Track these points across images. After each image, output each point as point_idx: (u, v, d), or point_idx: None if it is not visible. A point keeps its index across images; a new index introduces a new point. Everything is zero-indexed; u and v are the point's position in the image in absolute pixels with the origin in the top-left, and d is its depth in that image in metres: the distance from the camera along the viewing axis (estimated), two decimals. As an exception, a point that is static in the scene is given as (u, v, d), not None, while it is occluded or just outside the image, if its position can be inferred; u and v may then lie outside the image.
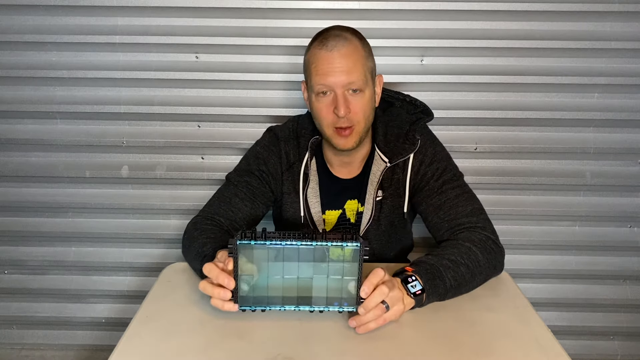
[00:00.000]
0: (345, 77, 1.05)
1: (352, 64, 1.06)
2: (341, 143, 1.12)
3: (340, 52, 1.05)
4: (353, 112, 1.08)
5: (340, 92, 1.06)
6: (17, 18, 1.52)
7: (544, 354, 0.84)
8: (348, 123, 1.08)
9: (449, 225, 1.11)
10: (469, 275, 0.99)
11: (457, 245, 1.04)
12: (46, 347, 1.84)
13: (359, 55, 1.07)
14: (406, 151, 1.17)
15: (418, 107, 1.24)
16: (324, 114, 1.10)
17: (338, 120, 1.08)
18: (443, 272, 0.96)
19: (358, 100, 1.08)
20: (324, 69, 1.06)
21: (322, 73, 1.06)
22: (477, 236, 1.06)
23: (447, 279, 0.96)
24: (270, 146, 1.24)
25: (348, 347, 0.85)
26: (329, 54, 1.05)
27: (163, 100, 1.59)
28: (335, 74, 1.05)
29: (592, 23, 1.52)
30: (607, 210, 1.67)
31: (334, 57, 1.05)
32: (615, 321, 1.77)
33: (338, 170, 1.24)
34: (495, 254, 1.06)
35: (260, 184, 1.21)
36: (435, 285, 0.95)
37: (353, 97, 1.08)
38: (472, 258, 1.01)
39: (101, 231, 1.71)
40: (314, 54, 1.08)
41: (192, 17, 1.52)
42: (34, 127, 1.62)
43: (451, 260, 0.99)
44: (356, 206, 1.24)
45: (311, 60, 1.09)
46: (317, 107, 1.11)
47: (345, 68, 1.05)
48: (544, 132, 1.61)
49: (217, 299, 0.87)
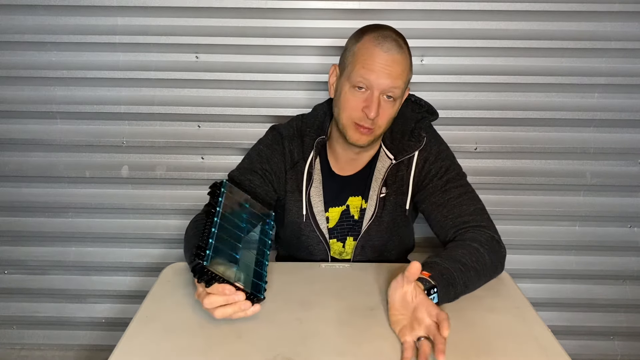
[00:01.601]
0: (390, 82, 1.05)
1: (400, 72, 1.06)
2: (355, 137, 1.11)
3: (394, 57, 1.05)
4: (381, 116, 1.08)
5: (377, 94, 1.06)
6: (17, 18, 1.52)
7: (544, 354, 0.84)
8: (371, 124, 1.09)
9: (453, 224, 1.11)
10: (476, 278, 1.00)
11: (466, 247, 1.04)
12: (46, 347, 1.84)
13: (406, 66, 1.08)
14: (412, 148, 1.17)
15: (423, 106, 1.25)
16: (352, 107, 1.09)
17: (363, 118, 1.08)
18: (456, 278, 0.96)
19: (389, 107, 1.09)
20: (374, 66, 1.05)
21: (369, 69, 1.05)
22: (484, 236, 1.07)
23: (458, 285, 0.96)
24: (273, 145, 1.24)
25: (348, 347, 0.84)
26: (383, 54, 1.05)
27: (163, 100, 1.59)
28: (381, 76, 1.05)
29: (592, 23, 1.52)
30: (607, 210, 1.67)
31: (387, 59, 1.05)
32: (615, 321, 1.77)
33: (342, 169, 1.24)
34: (499, 255, 1.07)
35: (263, 183, 1.21)
36: (447, 292, 0.95)
37: (386, 102, 1.08)
38: (480, 261, 1.02)
39: (101, 231, 1.71)
40: (368, 48, 1.07)
41: (192, 17, 1.52)
42: (34, 127, 1.62)
43: (463, 263, 0.99)
44: (360, 202, 1.24)
45: (361, 52, 1.07)
46: (347, 98, 1.10)
47: (392, 74, 1.05)
48: (544, 132, 1.61)
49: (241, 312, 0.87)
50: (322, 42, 1.52)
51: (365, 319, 0.92)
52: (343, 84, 1.11)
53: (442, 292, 0.93)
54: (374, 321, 0.92)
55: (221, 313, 0.86)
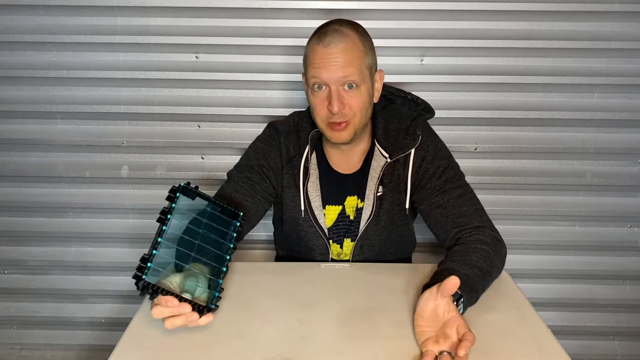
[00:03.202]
0: (340, 73, 1.06)
1: (349, 60, 1.06)
2: (334, 136, 1.12)
3: (337, 47, 1.06)
4: (348, 107, 1.08)
5: (334, 88, 1.07)
6: (17, 18, 1.52)
7: (544, 354, 0.84)
8: (342, 118, 1.09)
9: (454, 224, 1.11)
10: (490, 281, 1.02)
11: (478, 250, 1.03)
12: (46, 347, 1.84)
13: (357, 51, 1.07)
14: (407, 146, 1.17)
15: (419, 105, 1.25)
16: (318, 108, 1.11)
17: (332, 115, 1.09)
18: (476, 284, 0.96)
19: (353, 96, 1.09)
20: (319, 63, 1.07)
21: (317, 67, 1.07)
22: (489, 237, 1.07)
23: (479, 291, 0.96)
24: (270, 140, 1.24)
25: (348, 347, 0.84)
26: (325, 49, 1.06)
27: (163, 100, 1.59)
28: (329, 69, 1.06)
29: (592, 23, 1.52)
30: (607, 210, 1.67)
31: (330, 52, 1.06)
32: (615, 321, 1.77)
33: (338, 164, 1.24)
34: (502, 255, 1.08)
35: (261, 179, 1.21)
36: (470, 299, 0.94)
37: (348, 92, 1.08)
38: (492, 264, 1.02)
39: (101, 231, 1.71)
40: (312, 48, 1.09)
41: (192, 17, 1.52)
42: (34, 127, 1.62)
43: (480, 268, 0.99)
44: (356, 202, 1.23)
45: (308, 54, 1.10)
46: (312, 102, 1.12)
47: (340, 64, 1.05)
48: (544, 132, 1.61)
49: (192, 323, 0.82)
50: (322, 42, 1.52)
51: (365, 319, 0.92)
52: (307, 90, 1.13)
53: (466, 301, 0.92)
54: (373, 321, 0.92)
55: (170, 324, 0.82)
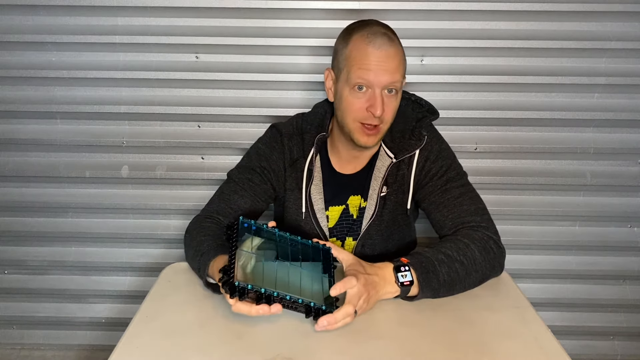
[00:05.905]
0: (389, 77, 1.05)
1: (396, 66, 1.06)
2: (363, 140, 1.11)
3: (387, 52, 1.05)
4: (386, 112, 1.08)
5: (378, 92, 1.06)
6: (17, 18, 1.52)
7: (544, 354, 0.84)
8: (378, 122, 1.09)
9: (452, 224, 1.11)
10: (464, 273, 1.00)
11: (454, 241, 1.05)
12: (46, 347, 1.84)
13: (401, 58, 1.08)
14: (412, 147, 1.17)
15: (423, 106, 1.25)
16: (356, 109, 1.09)
17: (368, 117, 1.08)
18: (437, 267, 0.97)
19: (392, 102, 1.09)
20: (370, 65, 1.04)
21: (366, 68, 1.05)
22: (479, 235, 1.07)
23: (440, 274, 0.97)
24: (272, 142, 1.24)
25: (348, 347, 0.85)
26: (377, 52, 1.04)
27: (163, 100, 1.59)
28: (379, 73, 1.05)
29: (592, 23, 1.52)
30: (607, 210, 1.67)
31: (381, 55, 1.04)
32: (615, 321, 1.77)
33: (342, 166, 1.24)
34: (495, 255, 1.06)
35: (262, 181, 1.21)
36: (429, 279, 0.96)
37: (388, 97, 1.08)
38: (468, 255, 1.01)
39: (101, 231, 1.71)
40: (359, 48, 1.06)
41: (192, 17, 1.52)
42: (34, 127, 1.62)
43: (447, 255, 1.00)
44: (359, 202, 1.24)
45: (354, 54, 1.07)
46: (348, 101, 1.09)
47: (390, 69, 1.05)
48: (544, 132, 1.61)
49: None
50: (322, 42, 1.52)
51: (365, 319, 0.92)
52: (342, 88, 1.10)
53: (422, 278, 0.95)
54: (374, 321, 0.92)
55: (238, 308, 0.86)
